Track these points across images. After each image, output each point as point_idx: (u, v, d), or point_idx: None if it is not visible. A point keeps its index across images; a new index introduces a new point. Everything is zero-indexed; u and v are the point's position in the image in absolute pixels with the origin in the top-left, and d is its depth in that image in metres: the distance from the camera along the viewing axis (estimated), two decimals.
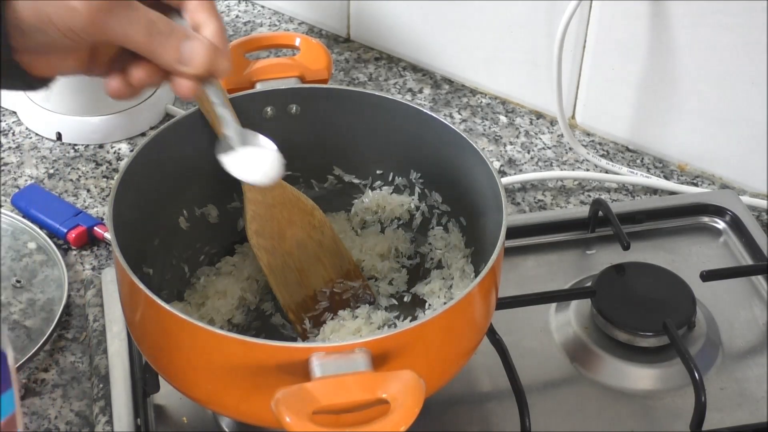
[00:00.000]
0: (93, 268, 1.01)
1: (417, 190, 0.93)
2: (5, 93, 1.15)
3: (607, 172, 1.14)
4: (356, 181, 0.94)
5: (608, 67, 1.14)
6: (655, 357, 0.91)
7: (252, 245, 0.87)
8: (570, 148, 1.17)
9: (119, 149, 1.15)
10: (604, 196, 1.11)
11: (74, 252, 1.03)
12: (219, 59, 0.68)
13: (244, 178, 0.75)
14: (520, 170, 1.15)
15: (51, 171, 1.12)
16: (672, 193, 1.12)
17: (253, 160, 0.75)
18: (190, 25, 0.69)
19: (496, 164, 1.15)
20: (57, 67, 0.68)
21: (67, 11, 0.63)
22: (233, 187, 0.88)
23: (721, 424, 0.85)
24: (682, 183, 1.14)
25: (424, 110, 0.88)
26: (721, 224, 1.05)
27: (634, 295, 0.94)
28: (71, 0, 0.63)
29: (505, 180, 1.12)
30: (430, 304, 0.89)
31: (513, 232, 1.01)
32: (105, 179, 1.11)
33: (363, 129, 0.91)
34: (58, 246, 1.02)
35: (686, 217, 1.06)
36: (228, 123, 0.74)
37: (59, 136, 1.15)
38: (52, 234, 1.04)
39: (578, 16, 1.11)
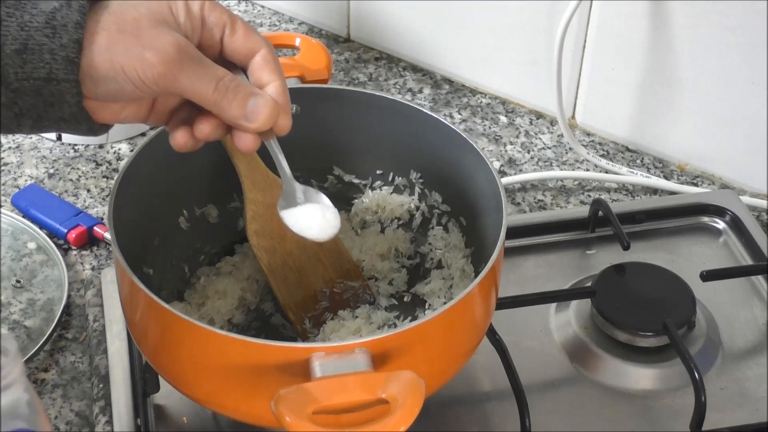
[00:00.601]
0: (93, 268, 1.01)
1: (417, 190, 0.93)
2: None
3: (607, 172, 1.14)
4: (356, 181, 0.94)
5: (608, 67, 1.14)
6: (655, 357, 0.91)
7: (252, 245, 0.87)
8: (570, 148, 1.17)
9: (119, 149, 1.15)
10: (604, 196, 1.11)
11: (74, 252, 1.03)
12: (281, 116, 0.70)
13: (303, 234, 0.77)
14: (520, 170, 1.15)
15: (51, 171, 1.12)
16: (672, 193, 1.12)
17: (312, 217, 0.77)
18: (254, 82, 0.71)
19: (496, 164, 1.15)
20: (118, 114, 0.69)
21: (141, 63, 0.65)
22: (233, 187, 0.88)
23: (721, 424, 0.85)
24: (682, 183, 1.14)
25: (424, 110, 0.88)
26: (721, 224, 1.05)
27: (634, 295, 0.94)
28: (145, 53, 0.65)
29: (505, 180, 1.12)
30: (430, 304, 0.89)
31: (513, 232, 1.01)
32: (105, 179, 1.11)
33: (363, 129, 0.91)
34: (58, 246, 1.02)
35: (686, 217, 1.06)
36: (288, 179, 0.76)
37: (59, 136, 1.15)
38: (52, 234, 1.04)
39: (578, 16, 1.12)
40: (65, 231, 1.03)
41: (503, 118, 1.22)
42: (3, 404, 0.58)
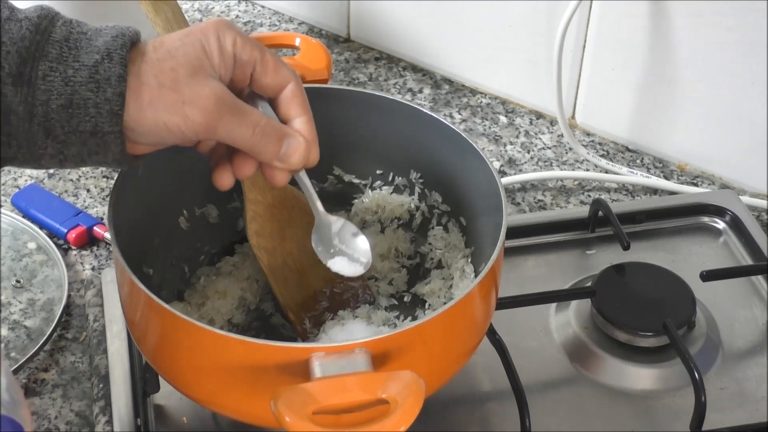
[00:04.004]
0: (93, 268, 1.01)
1: (417, 190, 0.93)
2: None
3: (607, 172, 1.14)
4: (356, 181, 0.94)
5: (608, 67, 1.14)
6: (655, 357, 0.91)
7: (252, 245, 0.87)
8: (570, 148, 1.17)
9: None
10: (604, 196, 1.11)
11: (74, 252, 1.03)
12: (311, 152, 0.73)
13: (339, 272, 0.80)
14: (520, 170, 1.15)
15: (51, 171, 1.12)
16: (672, 193, 1.12)
17: (347, 258, 0.80)
18: (282, 115, 0.74)
19: (496, 164, 1.15)
20: (155, 148, 0.71)
21: (183, 120, 0.67)
22: (233, 187, 0.88)
23: (721, 424, 0.85)
24: (682, 183, 1.14)
25: (424, 110, 0.88)
26: (721, 224, 1.05)
27: (634, 295, 0.94)
28: (186, 109, 0.67)
29: (505, 180, 1.12)
30: (430, 304, 0.89)
31: (513, 232, 1.01)
32: (105, 179, 1.11)
33: (363, 129, 0.91)
34: (58, 246, 1.02)
35: (686, 217, 1.06)
36: (319, 212, 0.80)
37: None
38: (52, 234, 1.04)
39: (578, 16, 1.12)
40: (65, 231, 1.03)
41: (503, 118, 1.22)
42: None
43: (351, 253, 0.80)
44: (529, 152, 1.17)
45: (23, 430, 0.60)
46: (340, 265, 0.80)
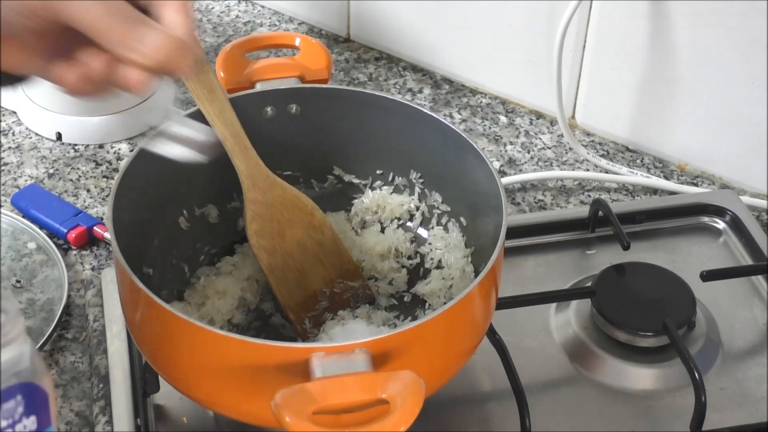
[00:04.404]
0: (93, 268, 1.01)
1: (417, 190, 0.93)
2: (5, 93, 1.14)
3: (607, 172, 1.14)
4: (356, 181, 0.94)
5: (608, 67, 1.14)
6: (655, 357, 0.91)
7: (252, 245, 0.87)
8: (570, 148, 1.17)
9: (119, 149, 1.15)
10: (604, 196, 1.11)
11: (74, 252, 1.03)
12: (179, 54, 0.62)
13: (174, 156, 0.75)
14: (520, 170, 1.15)
15: (51, 171, 1.12)
16: (672, 193, 1.12)
17: (181, 140, 0.75)
18: (155, 19, 0.64)
19: (496, 164, 1.15)
20: (14, 59, 0.63)
21: None
22: (233, 187, 0.88)
23: (721, 424, 0.85)
24: (682, 183, 1.14)
25: (424, 110, 0.88)
26: (721, 224, 1.05)
27: (634, 295, 0.94)
28: None
29: (505, 180, 1.12)
30: (430, 304, 0.89)
31: (513, 232, 1.01)
32: (105, 179, 1.11)
33: (363, 129, 0.91)
34: (58, 246, 1.02)
35: (686, 217, 1.06)
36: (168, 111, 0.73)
37: (59, 136, 1.15)
38: (52, 234, 1.04)
39: (578, 16, 1.12)
40: (65, 231, 1.03)
41: (503, 118, 1.22)
42: (3, 360, 0.58)
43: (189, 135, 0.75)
44: (529, 152, 1.17)
45: (48, 396, 0.60)
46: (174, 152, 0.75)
